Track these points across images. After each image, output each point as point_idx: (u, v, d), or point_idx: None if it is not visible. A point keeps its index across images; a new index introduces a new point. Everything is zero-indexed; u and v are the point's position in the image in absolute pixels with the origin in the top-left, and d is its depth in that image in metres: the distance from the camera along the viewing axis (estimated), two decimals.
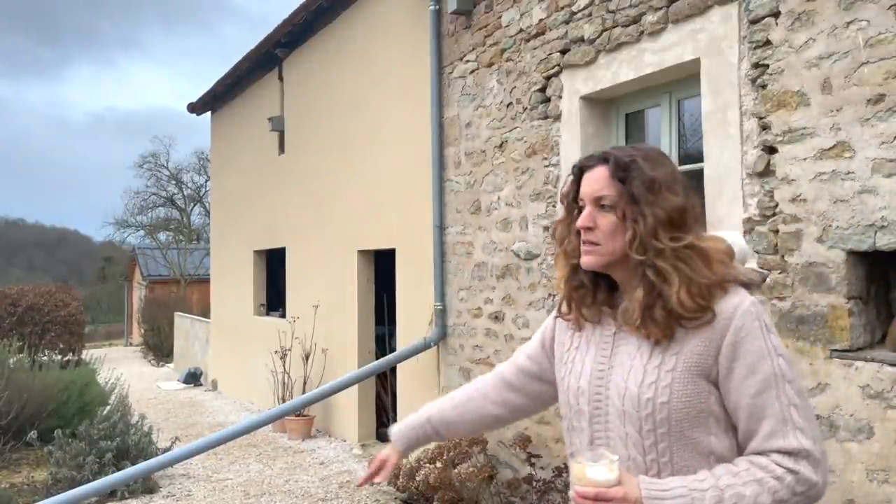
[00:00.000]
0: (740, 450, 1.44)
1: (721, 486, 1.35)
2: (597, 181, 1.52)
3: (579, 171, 1.58)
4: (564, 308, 1.64)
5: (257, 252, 10.22)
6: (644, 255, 1.44)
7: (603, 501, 1.33)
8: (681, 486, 1.36)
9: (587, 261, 1.53)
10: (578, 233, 1.55)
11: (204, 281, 18.06)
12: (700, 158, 3.58)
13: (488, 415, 1.84)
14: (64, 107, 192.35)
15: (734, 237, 1.57)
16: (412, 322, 6.18)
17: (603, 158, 1.54)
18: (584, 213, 1.52)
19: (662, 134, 4.06)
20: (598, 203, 1.51)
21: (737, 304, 1.42)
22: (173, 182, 33.16)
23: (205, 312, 14.73)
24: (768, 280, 3.13)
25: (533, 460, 4.46)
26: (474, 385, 1.90)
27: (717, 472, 1.38)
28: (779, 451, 1.36)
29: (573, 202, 1.58)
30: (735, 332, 1.40)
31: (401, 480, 5.05)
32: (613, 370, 1.50)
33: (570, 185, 1.59)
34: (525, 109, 4.80)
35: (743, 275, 1.49)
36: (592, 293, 1.58)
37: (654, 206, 1.45)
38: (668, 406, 1.41)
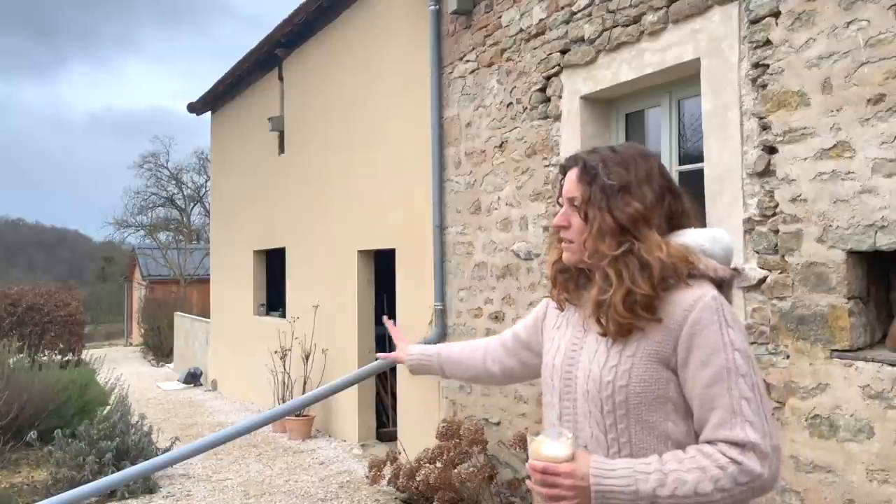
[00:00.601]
0: (697, 437, 1.49)
1: (665, 470, 1.40)
2: (569, 182, 1.63)
3: (562, 170, 1.69)
4: (551, 289, 1.76)
5: (257, 252, 10.22)
6: (592, 259, 1.56)
7: (551, 475, 1.42)
8: (626, 466, 1.41)
9: (566, 258, 1.65)
10: None
11: (204, 281, 18.06)
12: (700, 158, 3.58)
13: (484, 369, 2.08)
14: (61, 106, 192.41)
15: (717, 235, 1.60)
16: (412, 322, 6.18)
17: (575, 160, 1.65)
18: (560, 212, 1.64)
19: (662, 134, 4.06)
20: (571, 203, 1.62)
21: (697, 298, 1.46)
22: (173, 182, 33.18)
23: (205, 312, 14.73)
24: (769, 280, 3.13)
25: None
26: (481, 341, 2.14)
27: (665, 456, 1.43)
28: (725, 441, 1.40)
29: (559, 203, 1.70)
30: (692, 325, 1.45)
31: (401, 480, 5.04)
32: (582, 351, 1.60)
33: (559, 183, 1.71)
34: (525, 109, 4.80)
35: (714, 271, 1.52)
36: (575, 278, 1.68)
37: (604, 212, 1.53)
38: (626, 389, 1.48)
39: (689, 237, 1.56)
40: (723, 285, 1.54)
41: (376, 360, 3.17)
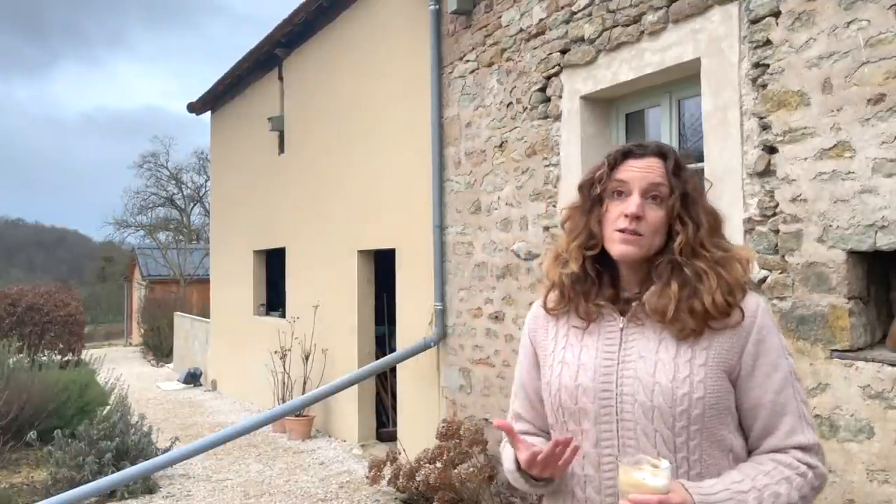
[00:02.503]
0: (749, 448, 1.44)
1: (759, 486, 1.34)
2: (652, 170, 1.46)
3: (623, 156, 1.50)
4: (556, 300, 1.55)
5: (257, 252, 10.22)
6: (688, 257, 1.43)
7: None
8: (724, 489, 1.33)
9: (627, 251, 1.45)
10: (599, 222, 1.49)
11: (204, 281, 18.05)
12: (700, 158, 3.58)
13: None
14: (54, 106, 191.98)
15: None
16: (412, 322, 6.18)
17: (659, 151, 1.49)
18: (635, 200, 1.45)
19: (662, 134, 4.05)
20: (649, 194, 1.45)
21: (757, 303, 1.44)
22: (173, 182, 33.17)
23: (205, 312, 14.73)
24: (769, 280, 3.13)
25: None
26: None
27: (747, 472, 1.37)
28: (797, 447, 1.39)
29: (602, 191, 1.50)
30: (759, 331, 1.41)
31: (401, 480, 5.04)
32: (626, 365, 1.43)
33: (603, 171, 1.51)
34: (525, 109, 4.80)
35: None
36: (598, 287, 1.51)
37: (704, 212, 1.46)
38: (703, 402, 1.37)
39: None
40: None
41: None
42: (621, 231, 1.44)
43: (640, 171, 1.46)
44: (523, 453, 1.42)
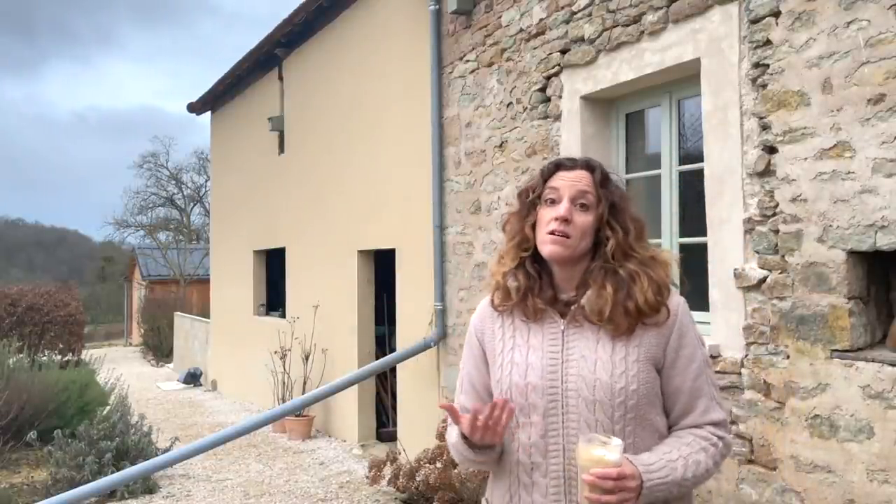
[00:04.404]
0: (669, 425, 1.66)
1: (684, 455, 1.57)
2: (580, 180, 1.66)
3: (555, 167, 1.71)
4: (501, 297, 1.71)
5: (257, 252, 10.22)
6: (620, 260, 1.63)
7: (620, 480, 1.45)
8: (658, 459, 1.54)
9: (555, 250, 1.63)
10: (533, 227, 1.68)
11: (204, 281, 18.06)
12: (700, 158, 3.58)
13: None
14: (46, 105, 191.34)
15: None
16: (412, 322, 6.18)
17: (587, 165, 1.70)
18: (564, 205, 1.64)
19: (662, 134, 4.05)
20: (577, 201, 1.65)
21: (678, 301, 1.66)
22: (173, 182, 33.18)
23: (205, 312, 14.74)
24: (769, 280, 3.13)
25: None
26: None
27: (673, 444, 1.60)
28: (711, 423, 1.63)
29: (536, 199, 1.70)
30: (680, 327, 1.63)
31: (401, 480, 5.04)
32: (570, 364, 1.60)
33: (537, 181, 1.73)
34: (525, 109, 4.80)
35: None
36: (539, 288, 1.68)
37: (630, 219, 1.66)
38: (637, 393, 1.57)
39: None
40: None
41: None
42: (551, 233, 1.63)
43: (570, 181, 1.67)
44: (464, 422, 1.58)
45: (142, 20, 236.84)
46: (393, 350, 6.81)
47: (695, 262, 3.59)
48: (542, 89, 4.62)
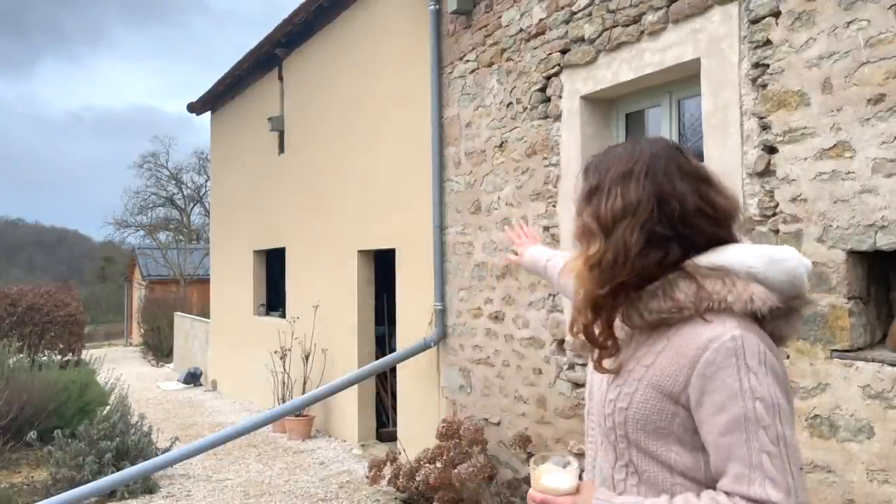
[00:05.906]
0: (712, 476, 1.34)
1: None
2: None
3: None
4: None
5: (257, 252, 10.22)
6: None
7: None
8: (626, 502, 1.32)
9: None
10: None
11: (204, 281, 18.05)
12: (700, 158, 3.57)
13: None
14: (41, 105, 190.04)
15: (777, 254, 1.33)
16: (412, 322, 6.18)
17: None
18: None
19: (662, 134, 4.05)
20: None
21: (713, 337, 1.28)
22: (173, 182, 33.18)
23: (205, 312, 14.73)
24: None
25: None
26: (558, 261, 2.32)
27: (675, 500, 1.30)
28: (743, 497, 1.24)
29: None
30: (705, 366, 1.27)
31: (401, 480, 5.04)
32: (594, 382, 1.51)
33: None
34: (525, 109, 4.80)
35: (747, 302, 1.29)
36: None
37: (578, 216, 1.45)
38: (626, 412, 1.36)
39: (730, 256, 1.32)
40: (765, 319, 1.31)
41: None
42: None
43: None
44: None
45: (133, 19, 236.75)
46: (393, 350, 6.81)
47: None
48: (542, 89, 4.62)
